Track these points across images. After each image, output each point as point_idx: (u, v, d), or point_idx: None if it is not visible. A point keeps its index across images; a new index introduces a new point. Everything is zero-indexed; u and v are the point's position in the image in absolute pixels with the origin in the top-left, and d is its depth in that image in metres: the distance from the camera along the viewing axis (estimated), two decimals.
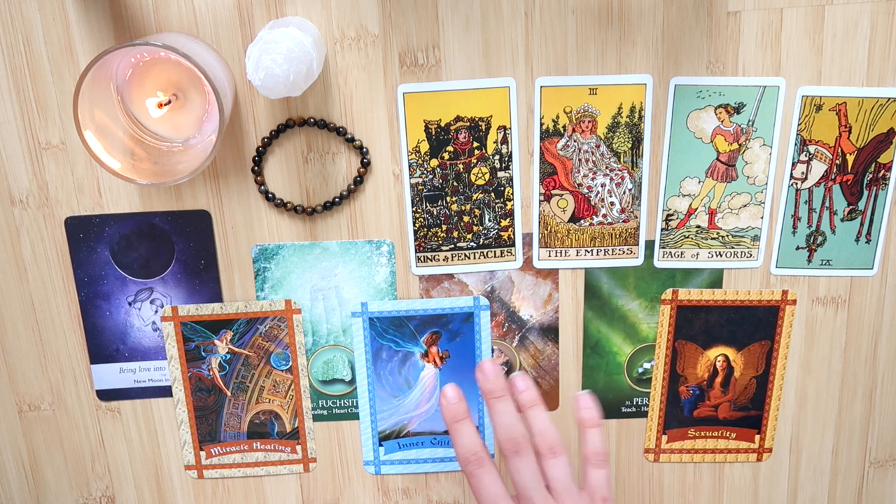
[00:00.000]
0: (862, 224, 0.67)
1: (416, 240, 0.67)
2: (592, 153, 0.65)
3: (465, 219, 0.67)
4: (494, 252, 0.68)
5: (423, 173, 0.66)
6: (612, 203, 0.67)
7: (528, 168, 0.66)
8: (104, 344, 0.69)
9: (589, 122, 0.65)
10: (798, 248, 0.68)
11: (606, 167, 0.66)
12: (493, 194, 0.66)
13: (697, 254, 0.68)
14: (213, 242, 0.67)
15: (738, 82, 0.63)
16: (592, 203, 0.67)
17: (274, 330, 0.69)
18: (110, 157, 0.57)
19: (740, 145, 0.65)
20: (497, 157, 0.65)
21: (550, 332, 0.70)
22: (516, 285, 0.69)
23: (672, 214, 0.67)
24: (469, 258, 0.68)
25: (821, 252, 0.68)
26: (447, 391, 0.61)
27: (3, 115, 0.64)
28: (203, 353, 0.70)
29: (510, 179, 0.66)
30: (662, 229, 0.67)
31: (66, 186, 0.65)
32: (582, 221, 0.67)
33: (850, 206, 0.67)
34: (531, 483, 0.58)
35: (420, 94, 0.64)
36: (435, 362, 0.70)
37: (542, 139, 0.65)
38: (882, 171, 0.66)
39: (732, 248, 0.68)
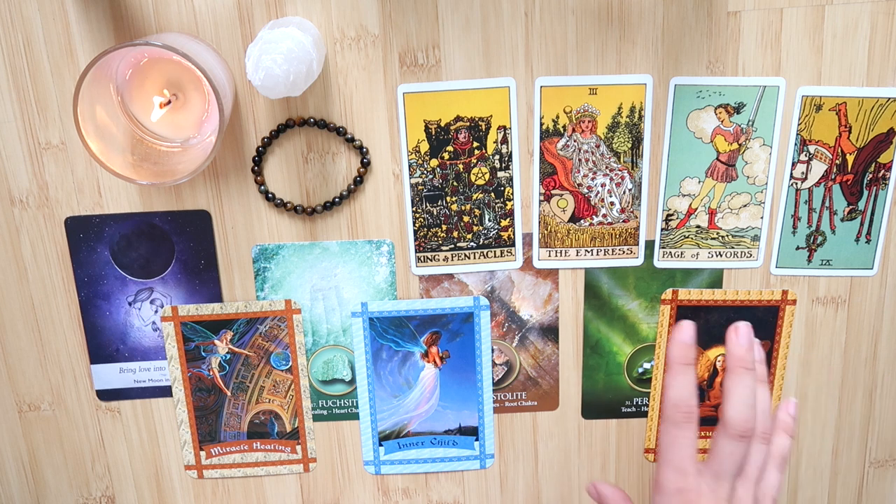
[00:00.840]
0: (862, 224, 0.67)
1: (416, 240, 0.67)
2: (592, 153, 0.65)
3: (465, 219, 0.67)
4: (494, 252, 0.68)
5: (423, 173, 0.66)
6: (612, 203, 0.67)
7: (528, 168, 0.66)
8: (104, 344, 0.70)
9: (589, 122, 0.65)
10: (798, 248, 0.68)
11: (606, 167, 0.66)
12: (493, 194, 0.66)
13: (697, 254, 0.68)
14: (213, 242, 0.67)
15: (738, 82, 0.63)
16: (592, 203, 0.67)
17: (274, 330, 0.69)
18: (110, 157, 0.57)
19: (740, 145, 0.65)
20: (497, 157, 0.65)
21: (550, 332, 0.70)
22: (516, 285, 0.69)
23: (672, 214, 0.67)
24: (469, 258, 0.68)
25: (821, 252, 0.68)
26: (685, 326, 0.56)
27: (3, 115, 0.64)
28: (203, 353, 0.70)
29: (510, 179, 0.66)
30: (662, 229, 0.67)
31: (66, 186, 0.65)
32: (582, 221, 0.67)
33: (850, 206, 0.67)
34: (733, 470, 0.55)
35: (420, 94, 0.64)
36: (435, 362, 0.70)
37: (542, 139, 0.65)
38: (882, 171, 0.66)
39: (732, 248, 0.68)
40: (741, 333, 0.57)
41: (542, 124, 0.65)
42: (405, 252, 0.68)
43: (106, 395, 0.71)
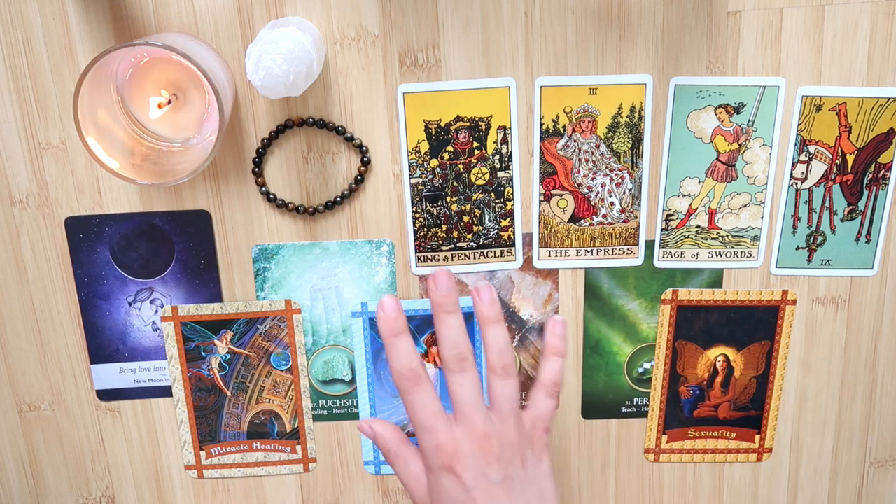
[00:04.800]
0: (862, 224, 0.67)
1: (416, 240, 0.67)
2: (592, 153, 0.65)
3: (465, 219, 0.67)
4: (494, 252, 0.68)
5: (423, 173, 0.66)
6: (612, 203, 0.67)
7: (528, 168, 0.66)
8: (104, 344, 0.70)
9: (589, 122, 0.65)
10: (798, 248, 0.68)
11: (606, 167, 0.66)
12: (493, 194, 0.66)
13: (697, 254, 0.68)
14: (213, 242, 0.67)
15: (738, 82, 0.63)
16: (592, 203, 0.67)
17: (274, 330, 0.69)
18: (110, 157, 0.57)
19: (740, 145, 0.65)
20: (497, 157, 0.65)
21: None
22: (516, 285, 0.69)
23: (672, 214, 0.67)
24: (469, 258, 0.68)
25: (821, 252, 0.68)
26: (385, 302, 0.55)
27: (3, 115, 0.64)
28: (203, 353, 0.70)
29: (510, 179, 0.66)
30: (662, 229, 0.67)
31: (66, 186, 0.65)
32: (582, 221, 0.67)
33: (850, 206, 0.67)
34: (473, 399, 0.54)
35: (420, 94, 0.64)
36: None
37: (542, 139, 0.65)
38: (882, 171, 0.66)
39: (732, 248, 0.68)
40: (439, 281, 0.55)
41: (542, 124, 0.65)
42: (405, 252, 0.68)
43: (106, 395, 0.71)
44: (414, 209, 0.66)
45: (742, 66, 0.63)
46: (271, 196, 0.65)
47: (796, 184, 0.66)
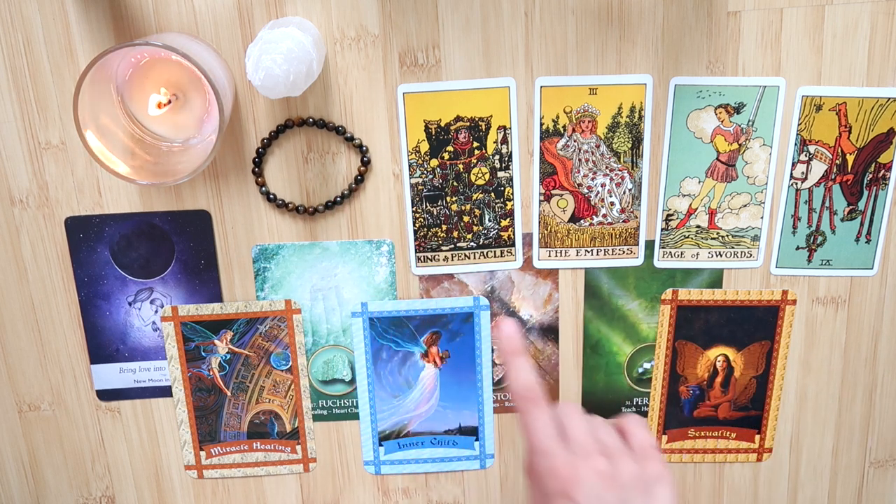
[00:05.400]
0: (862, 224, 0.67)
1: (416, 240, 0.67)
2: (592, 153, 0.65)
3: (465, 219, 0.67)
4: (494, 252, 0.68)
5: (423, 173, 0.66)
6: (612, 203, 0.67)
7: (528, 168, 0.66)
8: (104, 344, 0.69)
9: (589, 122, 0.65)
10: (798, 248, 0.68)
11: (606, 167, 0.66)
12: (493, 194, 0.66)
13: (697, 254, 0.68)
14: (213, 242, 0.67)
15: (738, 82, 0.63)
16: (592, 203, 0.67)
17: (274, 330, 0.69)
18: (110, 157, 0.57)
19: (740, 145, 0.65)
20: (497, 157, 0.65)
21: (550, 332, 0.70)
22: (516, 285, 0.69)
23: (672, 214, 0.67)
24: (469, 258, 0.68)
25: (821, 252, 0.68)
26: (504, 325, 0.56)
27: (3, 115, 0.64)
28: (203, 353, 0.70)
29: (510, 179, 0.66)
30: (662, 229, 0.67)
31: (66, 186, 0.65)
32: (582, 221, 0.67)
33: (850, 206, 0.67)
34: (589, 441, 0.53)
35: (420, 94, 0.64)
36: (435, 362, 0.70)
37: (542, 139, 0.65)
38: (882, 171, 0.66)
39: (732, 248, 0.68)
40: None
41: (542, 124, 0.65)
42: (405, 252, 0.68)
43: (106, 395, 0.71)
44: (414, 209, 0.66)
45: (742, 66, 0.63)
46: (271, 196, 0.65)
47: (796, 184, 0.66)
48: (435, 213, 0.67)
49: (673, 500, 0.53)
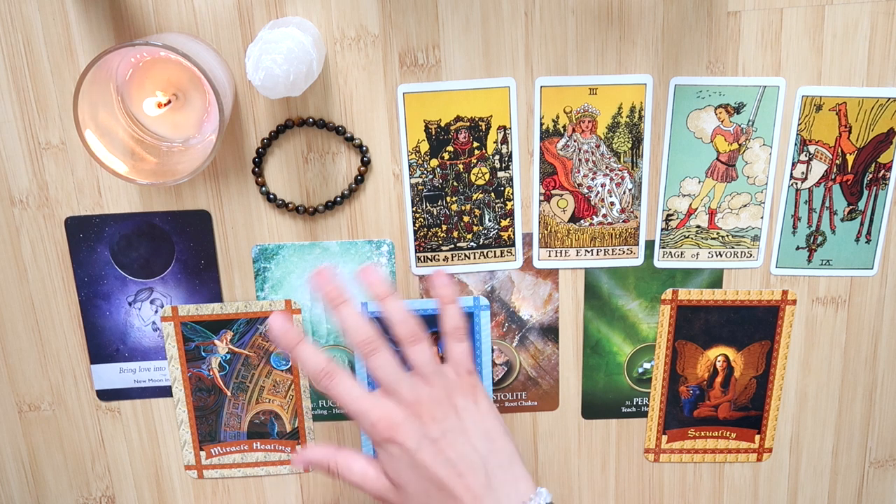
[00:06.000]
0: (862, 224, 0.67)
1: (416, 240, 0.67)
2: (592, 153, 0.65)
3: (465, 219, 0.67)
4: (494, 252, 0.68)
5: (423, 173, 0.66)
6: (612, 203, 0.67)
7: (528, 168, 0.66)
8: (104, 344, 0.70)
9: (589, 122, 0.65)
10: (798, 248, 0.68)
11: (606, 167, 0.66)
12: (493, 194, 0.66)
13: (697, 254, 0.68)
14: (213, 242, 0.67)
15: (738, 82, 0.63)
16: (592, 203, 0.67)
17: None
18: (110, 157, 0.57)
19: (740, 145, 0.65)
20: (497, 157, 0.65)
21: (550, 332, 0.70)
22: (516, 285, 0.69)
23: (672, 214, 0.67)
24: (469, 258, 0.68)
25: (821, 252, 0.68)
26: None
27: (3, 115, 0.64)
28: (203, 353, 0.70)
29: (510, 179, 0.66)
30: (662, 229, 0.67)
31: (66, 186, 0.65)
32: (582, 221, 0.67)
33: (850, 206, 0.67)
34: (394, 374, 0.58)
35: (420, 94, 0.64)
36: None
37: (542, 139, 0.65)
38: (882, 171, 0.66)
39: (732, 248, 0.68)
40: (323, 274, 0.59)
41: (542, 124, 0.65)
42: (405, 252, 0.68)
43: (106, 395, 0.71)
44: (414, 209, 0.66)
45: (742, 66, 0.63)
46: (271, 196, 0.65)
47: (796, 184, 0.66)
48: (435, 213, 0.67)
49: (491, 405, 0.59)
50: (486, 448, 0.57)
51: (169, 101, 0.59)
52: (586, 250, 0.68)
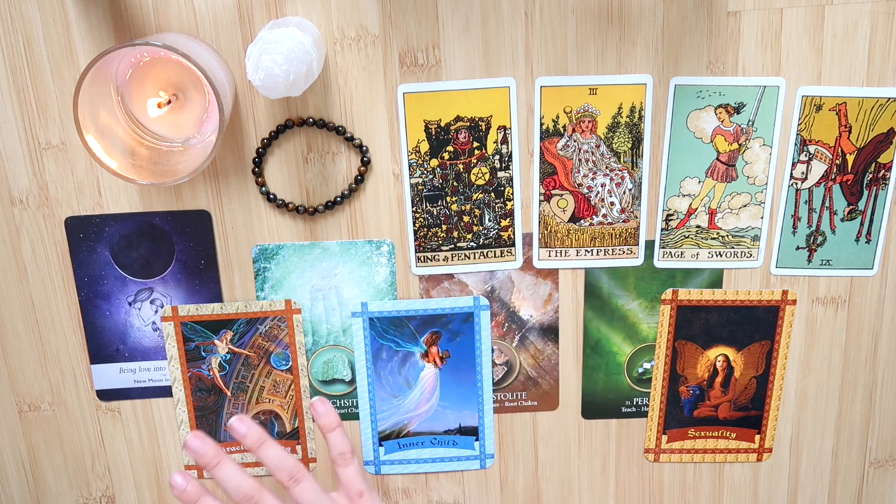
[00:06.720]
0: (862, 224, 0.67)
1: (416, 240, 0.67)
2: (592, 153, 0.65)
3: (465, 219, 0.67)
4: (494, 252, 0.68)
5: (423, 173, 0.66)
6: (612, 203, 0.67)
7: (528, 168, 0.66)
8: (104, 344, 0.70)
9: (589, 122, 0.65)
10: (798, 248, 0.68)
11: (606, 167, 0.66)
12: (493, 194, 0.66)
13: (697, 254, 0.68)
14: (213, 242, 0.67)
15: (738, 82, 0.63)
16: (592, 203, 0.67)
17: (274, 330, 0.69)
18: (110, 157, 0.57)
19: (740, 145, 0.65)
20: (497, 157, 0.65)
21: (550, 332, 0.70)
22: (516, 285, 0.69)
23: (672, 214, 0.67)
24: (469, 258, 0.68)
25: (821, 252, 0.68)
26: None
27: (3, 115, 0.64)
28: (203, 353, 0.70)
29: (510, 179, 0.66)
30: (662, 229, 0.67)
31: (66, 186, 0.65)
32: (582, 221, 0.67)
33: (850, 206, 0.67)
34: None
35: (420, 94, 0.64)
36: (435, 362, 0.70)
37: (542, 139, 0.65)
38: (882, 171, 0.66)
39: (732, 248, 0.68)
40: (190, 446, 0.58)
41: (542, 124, 0.65)
42: (405, 252, 0.68)
43: (106, 395, 0.71)
44: (414, 209, 0.66)
45: (742, 66, 0.63)
46: (271, 196, 0.65)
47: (796, 184, 0.66)
48: (435, 213, 0.67)
49: None
50: None
51: (169, 101, 0.59)
52: (586, 250, 0.68)
